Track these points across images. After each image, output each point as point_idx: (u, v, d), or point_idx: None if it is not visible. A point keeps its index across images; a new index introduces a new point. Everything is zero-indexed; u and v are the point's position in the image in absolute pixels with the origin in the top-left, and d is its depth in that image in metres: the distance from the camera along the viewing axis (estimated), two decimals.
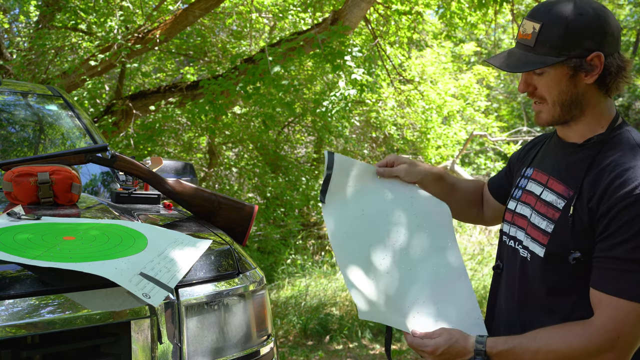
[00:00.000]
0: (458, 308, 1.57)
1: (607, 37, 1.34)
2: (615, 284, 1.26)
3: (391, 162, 1.70)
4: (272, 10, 7.50)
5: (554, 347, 1.31)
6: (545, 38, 1.34)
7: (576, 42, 1.33)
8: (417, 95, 8.47)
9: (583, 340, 1.28)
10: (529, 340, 1.35)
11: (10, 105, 2.86)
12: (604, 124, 1.39)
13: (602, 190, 1.29)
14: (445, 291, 1.59)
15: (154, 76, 8.54)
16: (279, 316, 5.77)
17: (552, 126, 1.47)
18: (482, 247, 7.97)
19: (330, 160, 1.64)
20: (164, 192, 2.07)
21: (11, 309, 1.30)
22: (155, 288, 1.41)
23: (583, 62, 1.33)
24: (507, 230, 1.54)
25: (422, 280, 1.60)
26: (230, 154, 9.20)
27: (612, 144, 1.36)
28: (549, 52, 1.34)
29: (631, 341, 1.27)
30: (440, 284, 1.60)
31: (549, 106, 1.40)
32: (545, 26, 1.34)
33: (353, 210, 1.66)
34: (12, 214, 1.66)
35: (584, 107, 1.39)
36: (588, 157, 1.36)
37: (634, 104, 14.25)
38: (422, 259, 1.62)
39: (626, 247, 1.25)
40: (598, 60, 1.33)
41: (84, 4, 6.40)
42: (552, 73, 1.36)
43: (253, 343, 1.70)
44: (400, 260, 1.62)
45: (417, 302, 1.57)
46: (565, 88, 1.36)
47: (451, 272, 1.61)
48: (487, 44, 13.91)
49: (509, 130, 12.38)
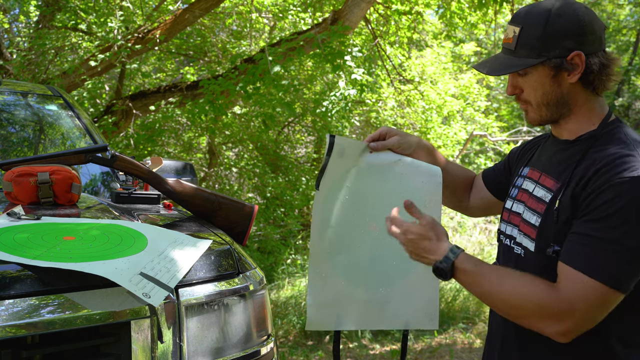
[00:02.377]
0: (417, 300, 1.62)
1: (588, 36, 1.35)
2: (584, 260, 1.25)
3: (383, 135, 1.69)
4: (272, 10, 7.50)
5: (513, 291, 1.30)
6: (524, 41, 1.38)
7: (555, 42, 1.35)
8: (417, 95, 8.47)
9: (541, 299, 1.27)
10: (497, 274, 1.34)
11: (10, 105, 2.86)
12: (596, 121, 1.40)
13: (587, 178, 1.30)
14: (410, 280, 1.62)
15: (154, 76, 8.54)
16: (279, 316, 5.77)
17: (544, 125, 1.49)
18: (482, 247, 7.96)
19: (330, 144, 1.61)
20: (164, 192, 2.07)
21: (11, 309, 1.30)
22: (155, 288, 1.41)
23: (564, 61, 1.35)
24: (503, 229, 1.55)
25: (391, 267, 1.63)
26: (230, 154, 9.20)
27: (604, 140, 1.36)
28: (529, 54, 1.37)
29: (587, 319, 1.25)
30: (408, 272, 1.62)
31: (535, 108, 1.43)
32: (524, 29, 1.38)
33: (339, 195, 1.64)
34: (12, 214, 1.66)
35: (571, 106, 1.40)
36: (579, 152, 1.38)
37: (634, 103, 14.25)
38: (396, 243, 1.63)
39: (600, 226, 1.24)
40: (579, 59, 1.35)
41: (84, 4, 6.40)
42: (534, 74, 1.39)
43: (253, 343, 1.70)
44: (373, 247, 1.63)
45: (377, 287, 1.62)
46: (549, 89, 1.39)
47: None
48: (487, 44, 13.90)
49: (509, 130, 12.38)
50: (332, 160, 1.61)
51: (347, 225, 1.64)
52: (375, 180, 1.65)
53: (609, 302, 1.25)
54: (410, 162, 1.66)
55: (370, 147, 1.66)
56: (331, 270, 1.64)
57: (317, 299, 1.64)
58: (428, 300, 1.64)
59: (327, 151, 1.61)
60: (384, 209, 1.62)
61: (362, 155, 1.65)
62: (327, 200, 1.63)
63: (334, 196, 1.64)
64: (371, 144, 1.67)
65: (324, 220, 1.63)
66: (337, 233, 1.63)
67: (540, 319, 1.28)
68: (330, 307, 1.64)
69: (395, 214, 1.48)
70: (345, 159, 1.63)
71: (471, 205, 1.80)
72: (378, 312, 1.65)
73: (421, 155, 1.70)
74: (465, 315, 5.96)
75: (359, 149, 1.65)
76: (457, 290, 6.48)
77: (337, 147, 1.60)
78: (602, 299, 1.24)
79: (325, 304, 1.64)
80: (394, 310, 1.64)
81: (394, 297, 1.64)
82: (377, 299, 1.63)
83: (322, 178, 1.62)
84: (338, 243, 1.64)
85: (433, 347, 5.06)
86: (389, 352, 5.01)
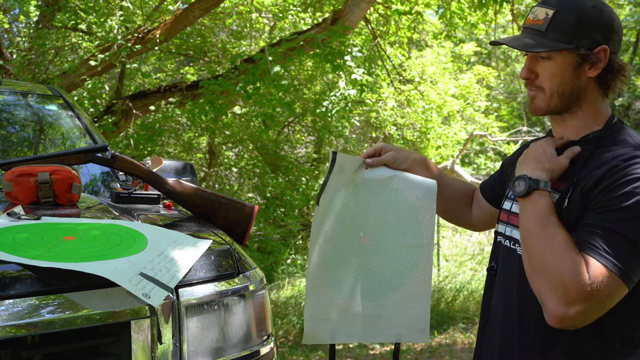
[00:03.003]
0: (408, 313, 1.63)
1: (614, 34, 1.37)
2: (601, 251, 1.23)
3: (379, 151, 1.70)
4: (272, 10, 7.50)
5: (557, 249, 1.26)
6: (558, 24, 1.37)
7: (587, 32, 1.35)
8: (417, 95, 8.47)
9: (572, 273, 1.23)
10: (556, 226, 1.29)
11: (10, 105, 2.86)
12: (601, 122, 1.41)
13: (599, 176, 1.29)
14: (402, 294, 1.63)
15: (154, 76, 8.54)
16: (279, 316, 5.78)
17: (545, 116, 1.48)
18: (482, 247, 7.98)
19: (333, 160, 1.62)
20: (164, 192, 2.07)
21: (11, 309, 1.30)
22: (155, 288, 1.41)
23: (590, 53, 1.36)
24: (502, 231, 1.54)
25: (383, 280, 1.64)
26: (230, 154, 9.21)
27: (610, 140, 1.36)
28: (560, 38, 1.37)
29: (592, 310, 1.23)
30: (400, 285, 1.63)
31: (546, 95, 1.41)
32: (559, 13, 1.37)
33: (335, 210, 1.65)
34: (12, 214, 1.66)
35: (581, 102, 1.40)
36: (586, 152, 1.37)
37: (634, 103, 14.26)
38: (389, 257, 1.64)
39: (616, 217, 1.24)
40: (604, 54, 1.36)
41: (84, 4, 6.40)
42: (558, 60, 1.38)
43: (253, 343, 1.70)
44: (366, 261, 1.65)
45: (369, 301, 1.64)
46: (568, 78, 1.38)
47: (416, 272, 1.63)
48: (487, 44, 13.91)
49: (509, 130, 12.38)
50: (333, 176, 1.62)
51: (342, 239, 1.65)
52: (371, 196, 1.66)
53: (615, 296, 1.24)
54: (405, 177, 1.67)
55: (366, 163, 1.67)
56: (326, 284, 1.66)
57: (313, 313, 1.66)
58: (419, 313, 1.65)
59: (330, 167, 1.62)
60: (378, 223, 1.65)
61: (358, 171, 1.66)
62: (324, 215, 1.65)
63: (331, 211, 1.65)
64: (367, 160, 1.68)
65: (321, 235, 1.65)
66: (332, 247, 1.65)
67: (555, 288, 1.24)
68: (326, 321, 1.66)
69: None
70: (343, 175, 1.64)
71: (474, 219, 1.80)
72: (371, 325, 1.66)
73: (417, 169, 1.70)
74: (465, 315, 5.97)
75: (355, 165, 1.66)
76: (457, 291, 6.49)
77: (338, 163, 1.62)
78: (611, 291, 1.22)
79: (321, 318, 1.66)
80: (386, 323, 1.66)
81: (386, 311, 1.65)
82: (370, 313, 1.65)
83: (322, 194, 1.63)
84: (333, 257, 1.65)
85: (433, 347, 5.07)
86: (388, 352, 5.01)
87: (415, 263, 1.63)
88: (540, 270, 1.28)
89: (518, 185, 1.36)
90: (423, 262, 1.63)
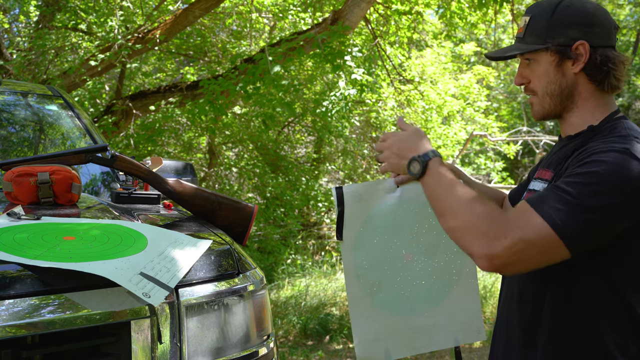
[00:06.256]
0: (462, 316, 1.64)
1: (594, 28, 1.38)
2: (540, 200, 1.24)
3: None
4: (272, 10, 7.50)
5: (464, 200, 1.28)
6: (532, 28, 1.43)
7: (560, 30, 1.39)
8: (417, 95, 8.47)
9: (485, 214, 1.24)
10: (459, 184, 1.33)
11: (10, 105, 2.86)
12: (599, 117, 1.41)
13: (574, 156, 1.32)
14: (453, 298, 1.63)
15: (154, 76, 8.54)
16: (279, 316, 5.78)
17: (546, 120, 1.51)
18: None
19: (339, 196, 1.60)
20: (164, 192, 2.07)
21: (11, 309, 1.30)
22: (155, 288, 1.41)
23: (568, 50, 1.38)
24: None
25: (432, 291, 1.64)
26: (230, 154, 9.21)
27: (603, 133, 1.37)
28: (535, 40, 1.42)
29: (518, 251, 1.21)
30: (449, 291, 1.64)
31: (540, 98, 1.45)
32: (533, 17, 1.44)
33: (370, 238, 1.64)
34: (12, 214, 1.66)
35: (575, 98, 1.42)
36: (578, 144, 1.38)
37: (634, 103, 14.26)
38: (435, 269, 1.64)
39: (569, 180, 1.24)
40: (583, 49, 1.37)
41: (84, 4, 6.41)
42: (540, 61, 1.42)
43: (253, 343, 1.70)
44: (412, 277, 1.64)
45: (421, 313, 1.63)
46: (553, 77, 1.42)
47: (462, 277, 1.64)
48: (487, 44, 13.91)
49: (509, 130, 12.38)
50: (348, 208, 1.61)
51: (384, 263, 1.64)
52: (408, 213, 1.64)
53: (547, 248, 1.22)
54: None
55: (396, 181, 1.65)
56: (375, 309, 1.64)
57: (363, 336, 1.65)
58: (472, 314, 1.66)
59: (338, 203, 1.61)
60: (418, 238, 1.64)
61: (386, 192, 1.64)
62: (357, 246, 1.63)
63: (365, 240, 1.63)
64: (396, 178, 1.65)
65: (357, 266, 1.63)
66: (374, 274, 1.63)
67: (475, 235, 1.25)
68: (378, 341, 1.66)
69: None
70: (365, 203, 1.63)
71: None
72: (426, 335, 1.66)
73: None
74: None
75: (377, 188, 1.64)
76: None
77: (350, 195, 1.60)
78: (541, 238, 1.21)
79: (372, 340, 1.65)
80: (442, 330, 1.65)
81: (440, 318, 1.65)
82: (423, 324, 1.65)
83: (344, 228, 1.62)
84: (378, 282, 1.64)
85: None
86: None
87: (460, 268, 1.63)
88: (455, 223, 1.29)
89: (413, 167, 1.38)
90: (468, 266, 1.64)
